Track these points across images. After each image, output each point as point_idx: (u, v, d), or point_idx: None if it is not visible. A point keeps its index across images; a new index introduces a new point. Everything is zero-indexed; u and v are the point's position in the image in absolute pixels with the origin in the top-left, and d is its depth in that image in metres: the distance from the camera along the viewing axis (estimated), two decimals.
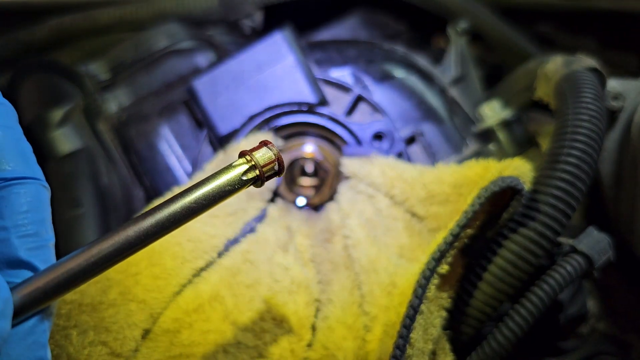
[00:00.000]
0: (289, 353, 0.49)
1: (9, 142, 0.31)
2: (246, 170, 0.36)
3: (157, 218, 0.33)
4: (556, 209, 0.49)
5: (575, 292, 0.59)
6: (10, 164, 0.31)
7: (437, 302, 0.49)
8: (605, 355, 0.60)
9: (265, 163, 0.36)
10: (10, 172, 0.31)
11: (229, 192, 0.35)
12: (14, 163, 0.31)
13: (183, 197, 0.34)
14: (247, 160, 0.36)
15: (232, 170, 0.35)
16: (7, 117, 0.32)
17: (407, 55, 0.68)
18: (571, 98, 0.53)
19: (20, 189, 0.31)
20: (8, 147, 0.31)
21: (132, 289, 0.50)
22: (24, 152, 0.32)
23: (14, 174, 0.31)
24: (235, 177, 0.35)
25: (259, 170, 0.36)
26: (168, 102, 0.64)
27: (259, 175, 0.36)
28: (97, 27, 0.73)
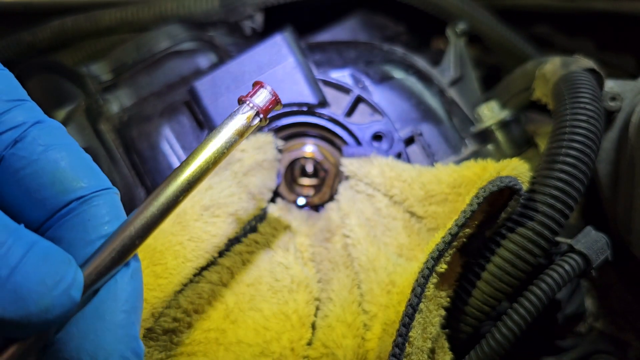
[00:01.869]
0: (289, 351, 0.50)
1: (75, 160, 0.33)
2: (251, 116, 0.39)
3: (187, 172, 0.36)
4: (554, 209, 0.50)
5: (573, 291, 0.60)
6: (84, 180, 0.32)
7: (435, 301, 0.49)
8: (602, 354, 0.61)
9: (265, 105, 0.40)
10: (87, 189, 0.32)
11: (237, 141, 0.39)
12: (87, 179, 0.33)
13: (199, 153, 0.37)
14: (250, 107, 0.39)
15: (238, 120, 0.39)
16: (63, 135, 0.34)
17: (406, 56, 0.68)
18: (569, 99, 0.53)
19: (99, 200, 0.32)
20: (76, 165, 0.33)
21: None
22: (91, 166, 0.34)
23: (90, 189, 0.32)
24: (243, 126, 0.39)
25: (262, 113, 0.40)
26: (169, 102, 0.65)
27: (262, 118, 0.40)
28: (98, 29, 0.74)
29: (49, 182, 0.32)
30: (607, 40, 0.83)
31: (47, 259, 0.28)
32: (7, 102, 0.32)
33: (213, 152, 0.37)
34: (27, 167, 0.31)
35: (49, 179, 0.32)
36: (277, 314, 0.51)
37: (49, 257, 0.28)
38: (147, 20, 0.73)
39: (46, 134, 0.32)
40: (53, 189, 0.31)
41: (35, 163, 0.31)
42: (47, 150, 0.32)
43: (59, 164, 0.32)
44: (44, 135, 0.32)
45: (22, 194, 0.32)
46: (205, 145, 0.38)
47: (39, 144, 0.32)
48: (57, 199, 0.32)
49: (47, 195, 0.31)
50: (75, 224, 0.32)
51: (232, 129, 0.38)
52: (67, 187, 0.32)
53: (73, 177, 0.32)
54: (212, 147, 0.37)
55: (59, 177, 0.32)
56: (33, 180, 0.31)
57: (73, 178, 0.32)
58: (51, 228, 0.32)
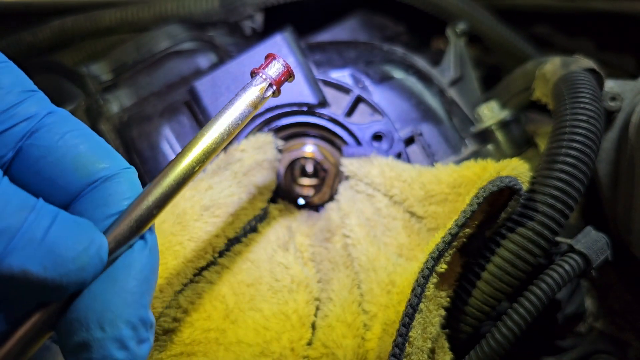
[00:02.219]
0: (289, 351, 0.50)
1: (92, 143, 0.34)
2: (264, 88, 0.40)
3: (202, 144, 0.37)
4: (554, 209, 0.50)
5: (573, 291, 0.60)
6: (105, 162, 0.34)
7: (435, 301, 0.49)
8: (602, 354, 0.61)
9: (278, 77, 0.41)
10: (108, 169, 0.33)
11: (251, 112, 0.40)
12: (107, 160, 0.34)
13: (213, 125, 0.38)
14: (263, 79, 0.40)
15: (252, 92, 0.40)
16: (76, 122, 0.34)
17: (406, 56, 0.68)
18: (569, 99, 0.53)
19: (120, 179, 0.34)
20: (94, 148, 0.34)
21: None
22: (107, 148, 0.35)
23: (111, 170, 0.33)
24: (257, 97, 0.40)
25: (275, 85, 0.41)
26: (169, 102, 0.65)
27: (275, 90, 0.41)
28: (99, 29, 0.74)
29: (71, 168, 0.32)
30: (607, 40, 0.83)
31: (76, 224, 0.29)
32: (20, 94, 0.32)
33: (228, 124, 0.38)
34: (47, 155, 0.32)
35: (71, 164, 0.32)
36: (277, 314, 0.51)
37: (77, 222, 0.29)
38: (147, 20, 0.73)
39: (61, 122, 0.33)
40: (76, 173, 0.32)
41: (55, 150, 0.32)
42: (64, 137, 0.33)
43: (79, 149, 0.33)
44: (59, 123, 0.33)
45: (44, 181, 0.32)
46: (219, 117, 0.38)
47: (56, 132, 0.32)
48: (80, 182, 0.33)
49: (71, 179, 0.32)
50: (96, 199, 0.33)
51: (246, 100, 0.39)
52: (90, 170, 0.33)
53: (94, 160, 0.33)
54: (227, 119, 0.38)
55: (80, 162, 0.33)
56: (55, 167, 0.32)
57: (94, 161, 0.33)
58: (71, 205, 0.33)
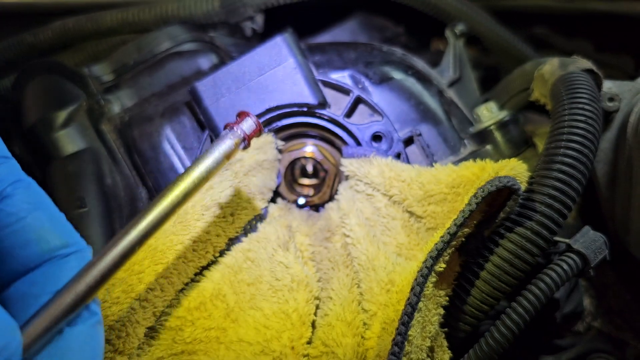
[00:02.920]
0: (289, 350, 0.50)
1: (56, 219, 0.35)
2: (239, 142, 0.46)
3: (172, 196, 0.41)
4: (552, 209, 0.50)
5: (571, 291, 0.60)
6: (65, 239, 0.35)
7: (434, 299, 0.50)
8: (600, 353, 0.61)
9: (251, 133, 0.47)
10: (68, 248, 0.34)
11: (223, 162, 0.45)
12: (68, 238, 0.35)
13: (190, 173, 0.42)
14: (238, 135, 0.46)
15: (226, 144, 0.45)
16: (42, 194, 0.35)
17: (405, 57, 0.69)
18: (567, 99, 0.53)
19: (76, 257, 0.35)
20: (57, 224, 0.35)
21: (136, 287, 0.50)
22: (68, 226, 0.36)
23: (70, 249, 0.35)
24: (230, 149, 0.45)
25: (247, 139, 0.47)
26: (170, 103, 0.65)
27: (246, 144, 0.47)
28: (100, 30, 0.74)
29: (34, 239, 0.33)
30: (605, 41, 0.84)
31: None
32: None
33: (203, 171, 0.42)
34: (15, 223, 0.33)
35: (35, 236, 0.33)
36: (278, 312, 0.52)
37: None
38: (148, 21, 0.73)
39: (30, 193, 0.34)
40: (37, 247, 0.33)
41: (23, 220, 0.33)
42: (34, 209, 0.33)
43: (44, 223, 0.34)
44: (29, 194, 0.34)
45: (5, 248, 0.33)
46: (197, 161, 0.42)
47: (26, 202, 0.33)
48: (39, 256, 0.33)
49: (31, 252, 0.33)
50: (50, 274, 0.33)
51: (221, 150, 0.44)
52: (51, 246, 0.34)
53: (55, 236, 0.34)
54: (203, 166, 0.43)
55: (43, 235, 0.33)
56: (20, 236, 0.33)
57: (55, 237, 0.34)
58: (26, 274, 0.33)
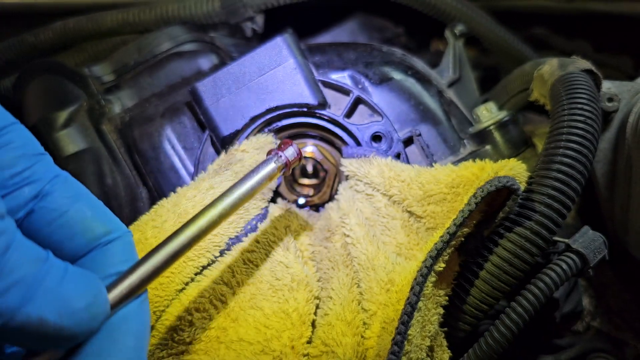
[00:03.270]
0: (289, 349, 0.50)
1: (96, 208, 0.37)
2: (282, 167, 0.49)
3: (220, 207, 0.43)
4: (551, 208, 0.50)
5: (570, 290, 0.61)
6: (107, 226, 0.36)
7: (434, 299, 0.50)
8: (600, 352, 0.61)
9: (293, 159, 0.50)
10: (110, 234, 0.36)
11: (264, 183, 0.47)
12: (110, 225, 0.37)
13: (237, 188, 0.45)
14: (279, 158, 0.49)
15: (270, 167, 0.48)
16: (79, 186, 0.37)
17: (405, 57, 0.69)
18: (566, 99, 0.54)
19: (119, 242, 0.37)
20: (98, 212, 0.37)
21: None
22: (108, 213, 0.37)
23: (113, 235, 0.36)
24: (273, 172, 0.48)
25: (289, 164, 0.50)
26: (171, 103, 0.65)
27: (286, 169, 0.50)
28: (101, 30, 0.74)
29: (79, 231, 0.35)
30: (604, 42, 0.84)
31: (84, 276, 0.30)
32: (32, 157, 0.34)
33: (245, 190, 0.45)
34: (59, 218, 0.34)
35: (79, 228, 0.35)
36: (278, 312, 0.52)
37: (85, 275, 0.31)
38: (149, 21, 0.74)
39: (68, 187, 0.35)
40: (83, 237, 0.35)
41: (66, 214, 0.35)
42: (74, 202, 0.35)
43: (85, 214, 0.35)
44: (67, 188, 0.35)
45: (54, 243, 0.34)
46: (242, 182, 0.45)
47: (66, 196, 0.35)
48: (86, 245, 0.35)
49: (78, 242, 0.35)
50: (97, 259, 0.35)
51: (264, 173, 0.47)
52: (96, 234, 0.35)
53: (98, 224, 0.36)
54: (246, 185, 0.45)
55: (87, 226, 0.35)
56: (67, 229, 0.34)
57: (98, 225, 0.36)
58: (74, 263, 0.35)
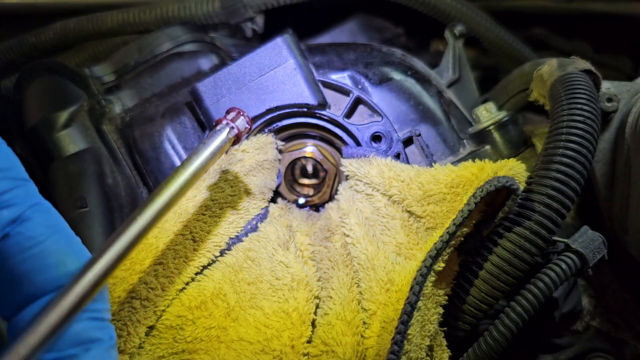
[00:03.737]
0: (289, 349, 0.50)
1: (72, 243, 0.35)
2: (232, 138, 0.49)
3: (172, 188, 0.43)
4: (551, 208, 0.50)
5: (570, 290, 0.61)
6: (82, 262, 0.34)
7: (433, 299, 0.50)
8: (599, 352, 0.61)
9: (244, 129, 0.51)
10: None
11: (217, 155, 0.48)
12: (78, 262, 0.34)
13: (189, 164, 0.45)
14: (230, 129, 0.50)
15: (220, 139, 0.48)
16: (58, 217, 0.35)
17: (405, 57, 0.69)
18: (566, 99, 0.54)
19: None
20: (73, 247, 0.35)
21: (137, 286, 0.51)
22: (82, 250, 0.36)
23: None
24: (225, 144, 0.48)
25: (240, 134, 0.50)
26: (171, 103, 0.65)
27: (237, 139, 0.50)
28: (101, 30, 0.74)
29: (53, 264, 0.33)
30: (603, 42, 0.84)
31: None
32: (12, 181, 0.33)
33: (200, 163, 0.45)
34: (34, 247, 0.33)
35: (54, 260, 0.33)
36: (278, 311, 0.52)
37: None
38: (149, 22, 0.74)
39: (48, 217, 0.34)
40: (56, 270, 0.33)
41: (42, 244, 0.33)
42: (53, 232, 0.33)
43: (62, 247, 0.34)
44: (47, 217, 0.34)
45: (24, 271, 0.33)
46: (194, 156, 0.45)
47: (45, 225, 0.33)
48: (58, 280, 0.33)
49: (50, 275, 0.33)
50: None
51: (216, 145, 0.47)
52: (69, 269, 0.33)
53: (73, 260, 0.34)
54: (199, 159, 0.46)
55: (62, 260, 0.33)
56: (39, 260, 0.33)
57: (73, 261, 0.34)
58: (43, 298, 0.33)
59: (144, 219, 0.40)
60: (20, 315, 0.33)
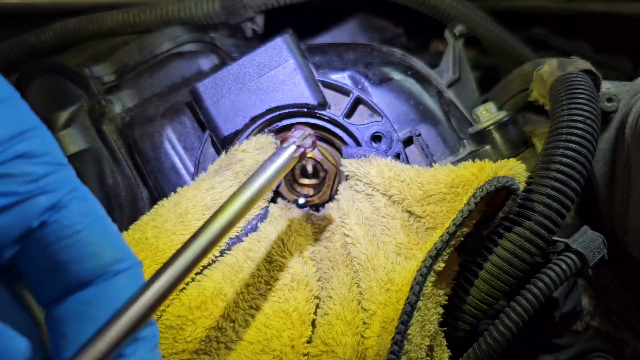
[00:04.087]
0: (289, 349, 0.50)
1: (110, 233, 0.34)
2: (295, 152, 0.48)
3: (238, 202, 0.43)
4: (551, 208, 0.50)
5: (570, 290, 0.61)
6: (119, 254, 0.34)
7: (433, 299, 0.50)
8: (599, 352, 0.61)
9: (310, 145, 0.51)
10: (122, 263, 0.34)
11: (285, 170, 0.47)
12: (121, 253, 0.34)
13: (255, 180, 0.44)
14: (297, 147, 0.49)
15: (287, 154, 0.48)
16: (97, 205, 0.34)
17: (405, 57, 0.69)
18: (566, 99, 0.54)
19: (129, 273, 0.34)
20: (111, 238, 0.34)
21: None
22: (121, 239, 0.35)
23: (124, 265, 0.34)
24: (291, 158, 0.48)
25: (304, 150, 0.49)
26: (171, 103, 0.65)
27: (303, 154, 0.49)
28: (101, 30, 0.74)
29: (89, 254, 0.32)
30: (603, 42, 0.84)
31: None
32: (50, 166, 0.32)
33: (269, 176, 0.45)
34: (70, 236, 0.32)
35: (91, 251, 0.32)
36: (278, 311, 0.52)
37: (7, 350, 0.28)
38: (149, 22, 0.74)
39: (85, 204, 0.33)
40: (93, 261, 0.32)
41: (79, 234, 0.32)
42: (90, 221, 0.33)
43: (99, 237, 0.33)
44: (85, 205, 0.33)
45: (60, 262, 0.32)
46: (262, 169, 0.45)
47: (82, 213, 0.33)
48: (94, 271, 0.32)
49: (87, 266, 0.32)
50: (107, 291, 0.33)
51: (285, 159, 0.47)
52: (107, 261, 0.33)
53: (111, 251, 0.33)
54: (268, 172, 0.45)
55: (99, 250, 0.33)
56: (76, 250, 0.32)
57: (111, 251, 0.33)
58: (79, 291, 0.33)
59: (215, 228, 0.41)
60: (60, 308, 0.33)
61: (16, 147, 0.31)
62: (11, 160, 0.30)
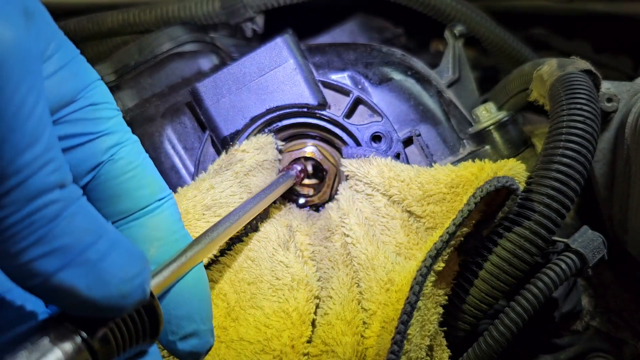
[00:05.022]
0: (289, 349, 0.50)
1: (155, 171, 0.42)
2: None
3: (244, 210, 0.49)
4: (551, 208, 0.50)
5: (569, 290, 0.61)
6: (164, 185, 0.41)
7: (433, 298, 0.50)
8: (599, 352, 0.61)
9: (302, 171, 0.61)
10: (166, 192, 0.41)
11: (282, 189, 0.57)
12: (164, 184, 0.42)
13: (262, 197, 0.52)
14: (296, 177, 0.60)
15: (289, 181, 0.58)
16: (140, 146, 0.41)
17: (405, 58, 0.69)
18: (565, 99, 0.54)
19: (169, 203, 0.41)
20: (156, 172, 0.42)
21: None
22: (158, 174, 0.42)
23: (166, 193, 0.41)
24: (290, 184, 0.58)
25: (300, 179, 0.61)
26: (171, 103, 0.65)
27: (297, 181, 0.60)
28: (101, 30, 0.74)
29: (146, 183, 0.40)
30: (603, 42, 0.84)
31: (130, 253, 0.32)
32: (113, 111, 0.39)
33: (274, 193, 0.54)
34: (134, 169, 0.39)
35: (147, 180, 0.40)
36: (278, 311, 0.52)
37: (132, 252, 0.33)
38: (149, 22, 0.74)
39: (139, 145, 0.41)
40: (149, 189, 0.40)
41: (139, 167, 0.40)
42: (144, 159, 0.40)
43: (151, 170, 0.41)
44: (138, 146, 0.40)
45: (124, 190, 0.39)
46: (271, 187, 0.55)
47: (138, 152, 0.40)
48: (149, 198, 0.40)
49: (144, 193, 0.39)
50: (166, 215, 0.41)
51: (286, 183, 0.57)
52: (157, 189, 0.40)
53: (158, 181, 0.41)
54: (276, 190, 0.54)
55: (150, 181, 0.40)
56: (137, 180, 0.39)
57: (158, 181, 0.41)
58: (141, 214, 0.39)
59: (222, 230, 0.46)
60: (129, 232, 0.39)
61: (88, 96, 0.37)
62: (86, 107, 0.37)
